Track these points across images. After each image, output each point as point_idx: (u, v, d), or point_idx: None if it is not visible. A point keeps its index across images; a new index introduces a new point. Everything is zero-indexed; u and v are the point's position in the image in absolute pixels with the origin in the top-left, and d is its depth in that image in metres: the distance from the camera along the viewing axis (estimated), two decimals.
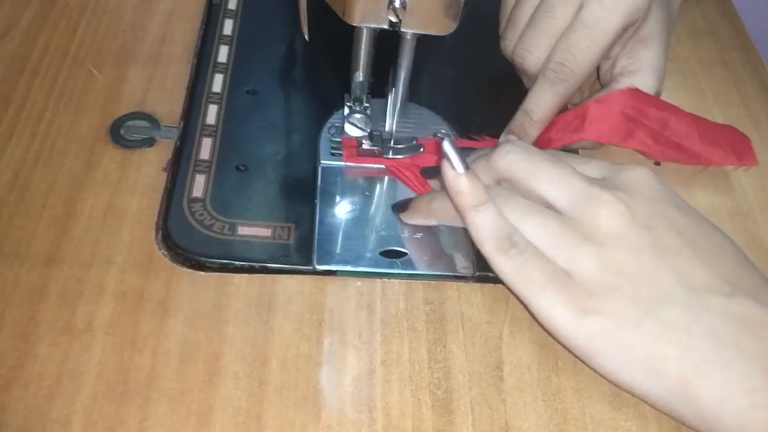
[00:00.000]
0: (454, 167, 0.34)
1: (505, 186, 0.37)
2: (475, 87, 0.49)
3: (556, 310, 0.33)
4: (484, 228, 0.34)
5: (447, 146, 0.34)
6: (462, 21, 0.36)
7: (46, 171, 0.40)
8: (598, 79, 0.46)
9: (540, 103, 0.42)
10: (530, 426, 0.34)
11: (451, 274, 0.39)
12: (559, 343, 0.34)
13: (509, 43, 0.45)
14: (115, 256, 0.37)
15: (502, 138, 0.44)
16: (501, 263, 0.34)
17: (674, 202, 0.36)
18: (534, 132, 0.43)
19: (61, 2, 0.50)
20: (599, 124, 0.42)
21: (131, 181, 0.41)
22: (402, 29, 0.35)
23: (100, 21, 0.49)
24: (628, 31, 0.42)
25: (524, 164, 0.36)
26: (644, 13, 0.42)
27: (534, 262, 0.34)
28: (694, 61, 0.52)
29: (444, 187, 0.35)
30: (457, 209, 0.35)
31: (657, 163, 0.45)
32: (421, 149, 0.43)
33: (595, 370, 0.34)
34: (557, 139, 0.43)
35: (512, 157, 0.36)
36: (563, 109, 0.44)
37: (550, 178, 0.35)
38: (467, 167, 0.34)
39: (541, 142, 0.43)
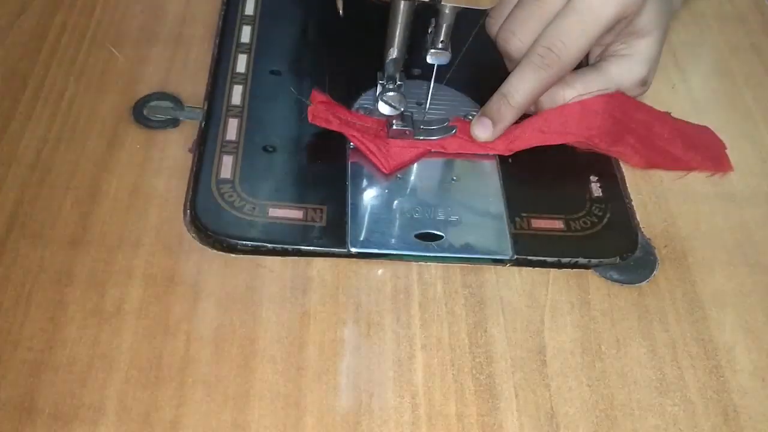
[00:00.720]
0: None
1: None
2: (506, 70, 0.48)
3: None
4: None
5: None
6: None
7: (68, 152, 0.39)
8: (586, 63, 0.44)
9: (521, 88, 0.40)
10: (576, 411, 0.33)
11: (489, 257, 0.37)
12: None
13: (494, 23, 0.43)
14: (143, 239, 0.36)
15: (474, 121, 0.41)
16: None
17: None
18: (510, 116, 0.41)
19: None
20: (589, 125, 0.41)
21: (156, 162, 0.39)
22: (442, 1, 0.34)
23: (118, 1, 0.48)
24: (622, 22, 0.40)
25: None
26: (640, 5, 0.40)
27: None
28: (724, 45, 0.51)
29: None
30: None
31: None
32: (453, 131, 0.42)
33: None
34: (540, 138, 0.42)
35: None
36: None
37: None
38: None
39: (525, 138, 0.42)
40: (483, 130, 0.41)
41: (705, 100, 0.47)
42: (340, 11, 0.38)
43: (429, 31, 0.38)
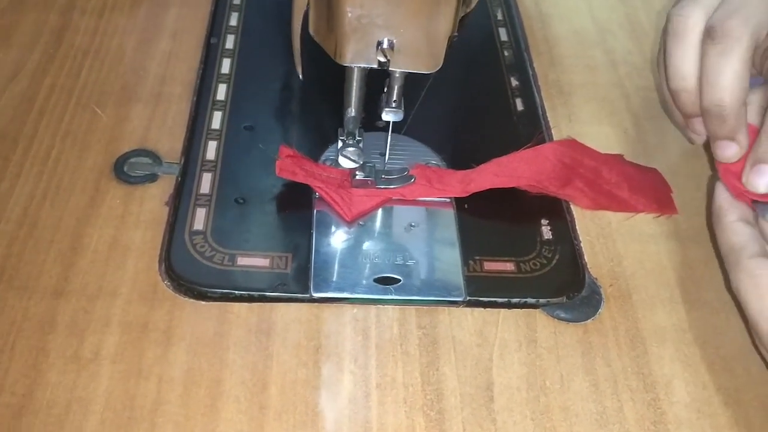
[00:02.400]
0: None
1: None
2: (463, 120, 0.51)
3: None
4: None
5: None
6: (448, 58, 0.38)
7: (53, 207, 0.42)
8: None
9: None
10: None
11: (443, 299, 0.40)
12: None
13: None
14: (121, 288, 0.39)
15: (752, 171, 0.39)
16: None
17: None
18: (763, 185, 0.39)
19: (66, 45, 0.52)
20: (539, 170, 0.44)
21: (135, 216, 0.42)
22: (390, 68, 0.37)
23: (103, 62, 0.51)
24: None
25: None
26: None
27: None
28: None
29: None
30: None
31: None
32: (413, 179, 0.45)
33: None
34: (494, 181, 0.44)
35: None
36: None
37: None
38: None
39: (480, 182, 0.44)
40: (761, 179, 0.39)
41: (655, 144, 0.50)
42: (300, 75, 0.42)
43: (384, 91, 0.41)
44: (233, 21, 0.55)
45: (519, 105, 0.52)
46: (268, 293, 0.39)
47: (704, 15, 0.39)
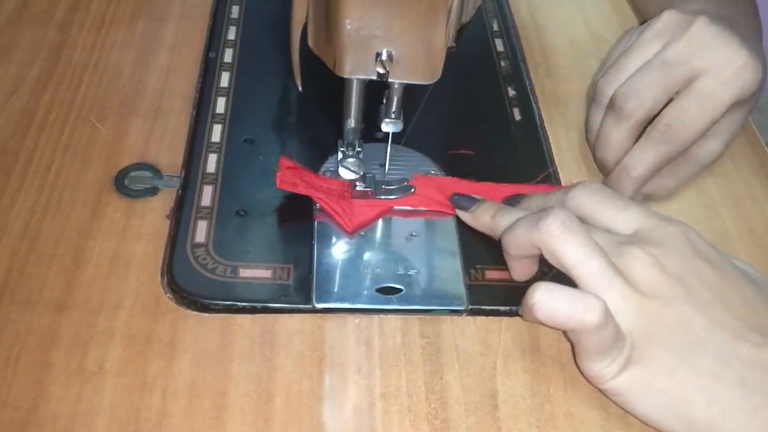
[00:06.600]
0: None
1: None
2: (462, 130, 0.52)
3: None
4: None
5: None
6: (445, 69, 0.38)
7: (54, 221, 0.42)
8: None
9: (642, 160, 0.43)
10: None
11: (445, 308, 0.40)
12: (594, 386, 0.37)
13: (610, 82, 0.45)
14: (123, 301, 0.39)
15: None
16: None
17: (706, 257, 0.37)
18: (630, 188, 0.44)
19: (65, 60, 0.52)
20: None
21: (136, 229, 0.43)
22: (389, 79, 0.38)
23: (102, 77, 0.51)
24: (741, 100, 0.43)
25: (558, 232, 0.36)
26: (759, 86, 0.43)
27: None
28: None
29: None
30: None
31: None
32: (412, 190, 0.45)
33: (626, 411, 0.36)
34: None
35: (551, 223, 0.36)
36: None
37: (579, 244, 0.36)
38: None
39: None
40: None
41: None
42: (299, 87, 0.42)
43: (383, 102, 0.41)
44: (231, 35, 0.55)
45: (517, 114, 0.52)
46: (271, 304, 0.39)
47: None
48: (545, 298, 0.34)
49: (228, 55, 0.53)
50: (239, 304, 0.39)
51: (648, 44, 0.44)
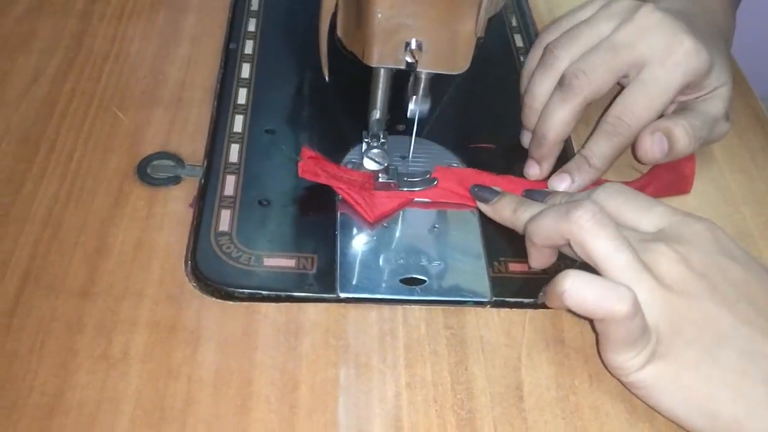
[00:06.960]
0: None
1: None
2: (482, 123, 0.52)
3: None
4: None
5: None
6: (473, 60, 0.38)
7: (77, 209, 0.42)
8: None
9: (597, 152, 0.45)
10: None
11: (469, 299, 0.40)
12: (619, 380, 0.37)
13: (548, 37, 0.47)
14: (147, 289, 0.39)
15: (554, 176, 0.46)
16: None
17: (731, 255, 0.37)
18: (588, 177, 0.45)
19: (86, 50, 0.52)
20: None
21: (159, 217, 0.42)
22: (418, 69, 0.38)
23: (123, 67, 0.51)
24: (690, 85, 0.44)
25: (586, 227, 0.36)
26: (706, 70, 0.44)
27: None
28: None
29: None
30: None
31: None
32: (435, 182, 0.45)
33: (648, 405, 0.36)
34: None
35: (582, 215, 0.36)
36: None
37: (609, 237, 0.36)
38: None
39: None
40: (561, 184, 0.46)
41: None
42: (326, 77, 0.42)
43: (410, 83, 0.41)
44: (251, 27, 0.55)
45: None
46: (295, 293, 0.39)
47: (569, 61, 0.45)
48: (576, 285, 0.34)
49: (248, 47, 0.53)
50: (263, 292, 0.39)
51: (601, 23, 0.45)
